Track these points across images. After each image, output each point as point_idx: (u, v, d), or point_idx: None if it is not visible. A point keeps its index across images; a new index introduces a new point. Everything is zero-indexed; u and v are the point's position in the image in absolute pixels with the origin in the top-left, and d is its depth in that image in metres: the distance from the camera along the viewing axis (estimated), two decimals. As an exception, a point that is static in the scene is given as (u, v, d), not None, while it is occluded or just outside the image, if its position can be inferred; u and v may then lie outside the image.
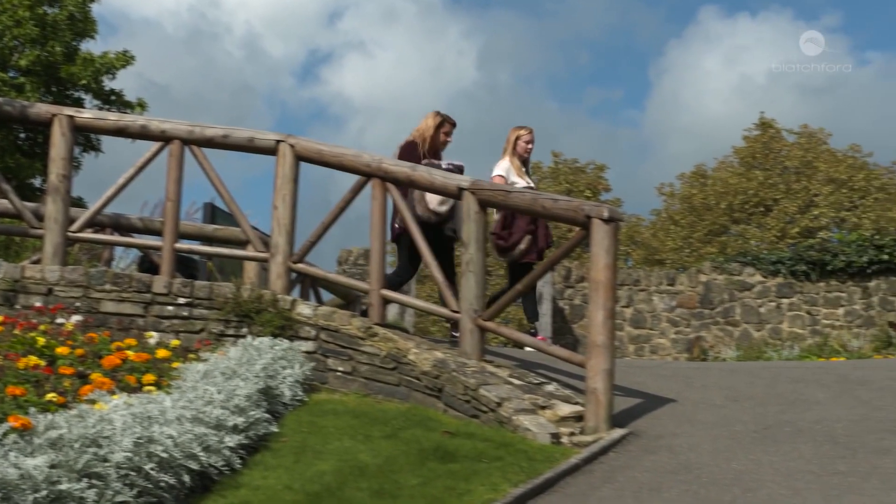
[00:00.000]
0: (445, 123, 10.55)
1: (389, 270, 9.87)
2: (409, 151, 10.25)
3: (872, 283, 17.57)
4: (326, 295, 15.18)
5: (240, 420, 6.38)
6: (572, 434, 7.19)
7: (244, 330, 8.96)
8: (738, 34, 74.69)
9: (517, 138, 11.14)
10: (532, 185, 11.14)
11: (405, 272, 10.39)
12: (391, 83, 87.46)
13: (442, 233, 10.00)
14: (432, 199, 9.77)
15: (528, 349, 9.53)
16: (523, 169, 11.15)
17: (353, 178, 9.36)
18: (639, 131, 74.13)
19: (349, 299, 15.12)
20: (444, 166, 9.79)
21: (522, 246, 10.58)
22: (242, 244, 11.75)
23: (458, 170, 9.82)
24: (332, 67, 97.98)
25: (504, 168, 11.00)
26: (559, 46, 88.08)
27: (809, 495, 5.58)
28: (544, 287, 16.95)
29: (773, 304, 17.85)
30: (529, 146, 11.19)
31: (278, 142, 9.56)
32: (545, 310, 16.49)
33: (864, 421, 7.31)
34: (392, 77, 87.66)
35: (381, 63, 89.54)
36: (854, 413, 7.59)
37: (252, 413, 6.63)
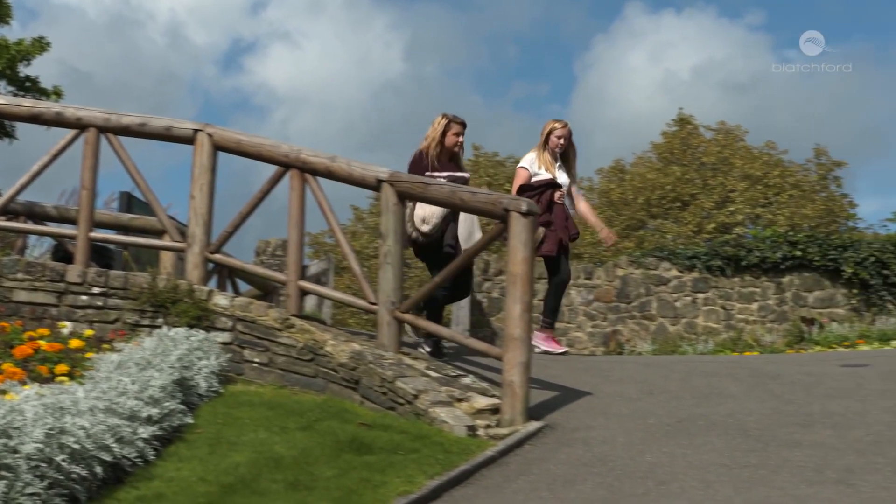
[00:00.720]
0: (452, 124, 9.97)
1: (306, 262, 9.73)
2: (416, 163, 9.86)
3: (786, 279, 17.80)
4: (244, 286, 15.13)
5: (154, 411, 6.32)
6: (488, 426, 7.21)
7: (160, 320, 8.87)
8: (663, 30, 75.61)
9: (550, 132, 10.92)
10: (561, 179, 10.97)
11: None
12: (316, 74, 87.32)
13: (440, 249, 9.68)
14: (417, 220, 9.53)
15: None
16: (557, 163, 10.97)
17: (273, 169, 9.28)
18: (564, 126, 74.35)
19: (266, 290, 15.08)
20: (443, 178, 9.55)
21: (538, 238, 10.21)
22: (159, 234, 11.65)
23: (463, 181, 9.60)
24: (256, 57, 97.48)
25: (528, 161, 10.85)
26: (485, 40, 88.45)
27: (721, 488, 5.65)
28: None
29: (689, 298, 18.03)
30: (562, 141, 10.88)
31: (196, 131, 9.47)
32: (464, 303, 16.51)
33: (776, 414, 7.42)
34: (317, 68, 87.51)
35: (306, 53, 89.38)
36: (766, 407, 7.70)
37: (167, 404, 6.56)
